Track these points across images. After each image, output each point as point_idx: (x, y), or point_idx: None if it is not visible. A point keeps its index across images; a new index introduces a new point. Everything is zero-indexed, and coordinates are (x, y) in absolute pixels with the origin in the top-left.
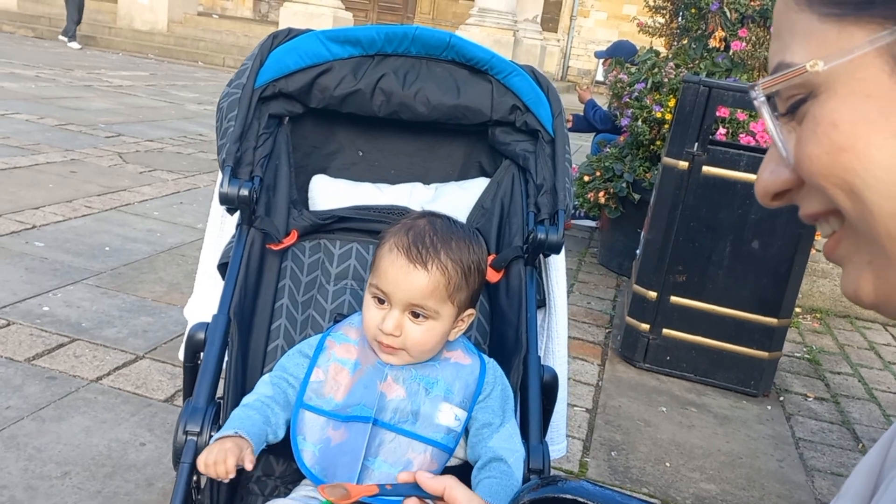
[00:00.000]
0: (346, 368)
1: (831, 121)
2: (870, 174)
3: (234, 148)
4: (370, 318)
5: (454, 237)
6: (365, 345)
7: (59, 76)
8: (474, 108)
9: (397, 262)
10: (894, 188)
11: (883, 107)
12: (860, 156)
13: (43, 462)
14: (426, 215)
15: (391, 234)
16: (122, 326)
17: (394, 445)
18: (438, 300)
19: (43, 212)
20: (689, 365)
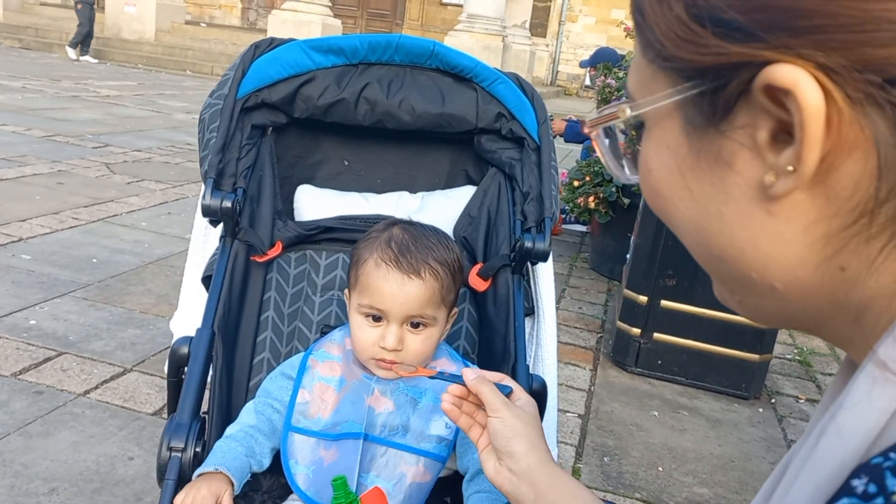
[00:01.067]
0: (331, 386)
1: (646, 163)
2: (677, 221)
3: (217, 159)
4: (365, 338)
5: (431, 240)
6: (349, 360)
7: (45, 87)
8: (459, 116)
9: (390, 276)
10: (697, 238)
11: (678, 161)
12: (668, 203)
13: (30, 478)
14: (396, 223)
15: (369, 249)
16: (110, 339)
17: (385, 459)
18: (435, 306)
19: (29, 224)
20: (681, 369)
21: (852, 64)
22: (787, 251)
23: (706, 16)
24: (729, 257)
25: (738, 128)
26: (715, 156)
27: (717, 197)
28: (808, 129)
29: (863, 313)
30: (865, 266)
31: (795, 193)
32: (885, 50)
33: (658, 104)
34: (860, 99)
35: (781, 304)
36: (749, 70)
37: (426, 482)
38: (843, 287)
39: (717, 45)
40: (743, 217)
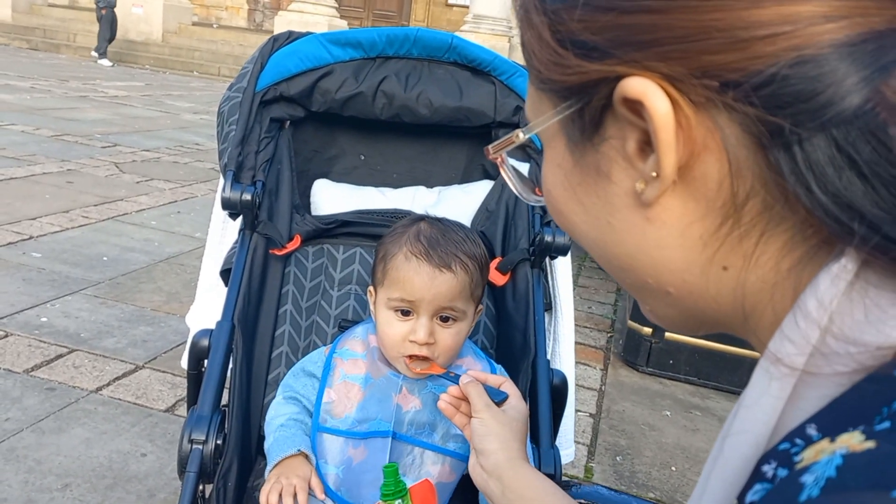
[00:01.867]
0: (356, 384)
1: (545, 183)
2: (578, 235)
3: (236, 152)
4: (395, 332)
5: (459, 234)
6: (374, 357)
7: (54, 87)
8: (477, 109)
9: (421, 269)
10: (597, 250)
11: (568, 178)
12: (568, 219)
13: (43, 474)
14: (423, 218)
15: (397, 243)
16: (122, 336)
17: (412, 458)
18: (465, 299)
19: (40, 223)
20: (692, 368)
21: (691, 71)
22: (672, 255)
23: (567, 38)
24: (626, 266)
25: (608, 140)
26: (595, 169)
27: (604, 209)
28: (661, 136)
29: (751, 311)
30: (744, 262)
31: (666, 198)
32: (718, 56)
33: (544, 125)
34: (702, 103)
35: (681, 308)
36: (607, 85)
37: (451, 482)
38: (729, 286)
39: (578, 65)
40: (628, 226)
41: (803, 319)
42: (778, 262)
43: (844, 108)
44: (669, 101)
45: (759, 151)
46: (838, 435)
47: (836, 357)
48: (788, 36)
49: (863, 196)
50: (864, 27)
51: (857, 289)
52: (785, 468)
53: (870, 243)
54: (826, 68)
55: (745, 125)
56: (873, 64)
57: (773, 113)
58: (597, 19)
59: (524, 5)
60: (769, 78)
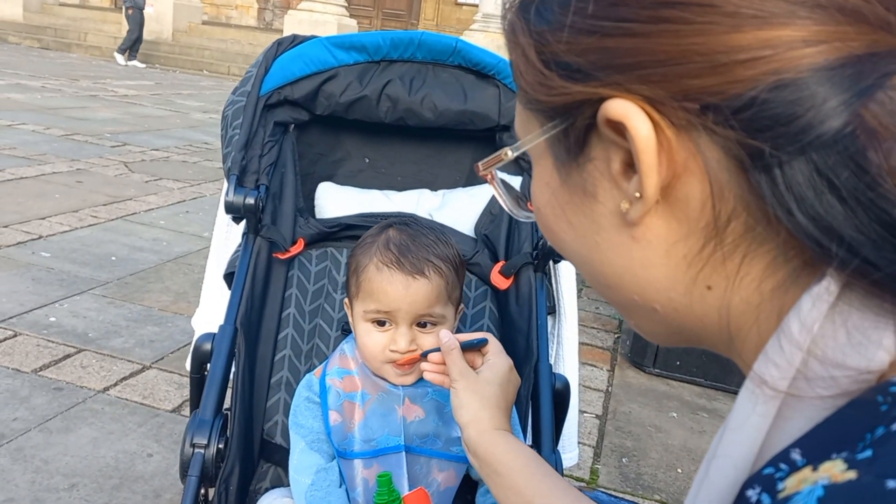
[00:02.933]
0: (356, 402)
1: (535, 201)
2: (568, 254)
3: (240, 156)
4: (374, 343)
5: (429, 237)
6: (366, 372)
7: (64, 86)
8: (481, 113)
9: (394, 278)
10: (585, 268)
11: (556, 196)
12: (557, 237)
13: (50, 474)
14: (391, 224)
15: (367, 254)
16: (129, 336)
17: (419, 467)
18: (443, 303)
19: (49, 222)
20: (700, 369)
21: (672, 94)
22: (657, 274)
23: (552, 60)
24: (613, 284)
25: (593, 160)
26: (581, 189)
27: (591, 228)
28: (643, 157)
29: (735, 332)
30: (728, 283)
31: (650, 218)
32: (698, 80)
33: (531, 144)
34: (684, 126)
35: (667, 325)
36: (591, 106)
37: (455, 485)
38: (714, 306)
39: (563, 86)
40: (614, 245)
41: (787, 342)
42: (761, 284)
43: (824, 131)
44: (651, 123)
45: (741, 174)
46: (821, 462)
47: (819, 381)
48: (768, 60)
49: (843, 219)
50: (844, 51)
51: (838, 311)
52: (768, 495)
53: (849, 266)
54: (805, 92)
55: (725, 148)
56: (852, 88)
57: (753, 136)
58: (580, 41)
59: (511, 26)
60: (749, 101)
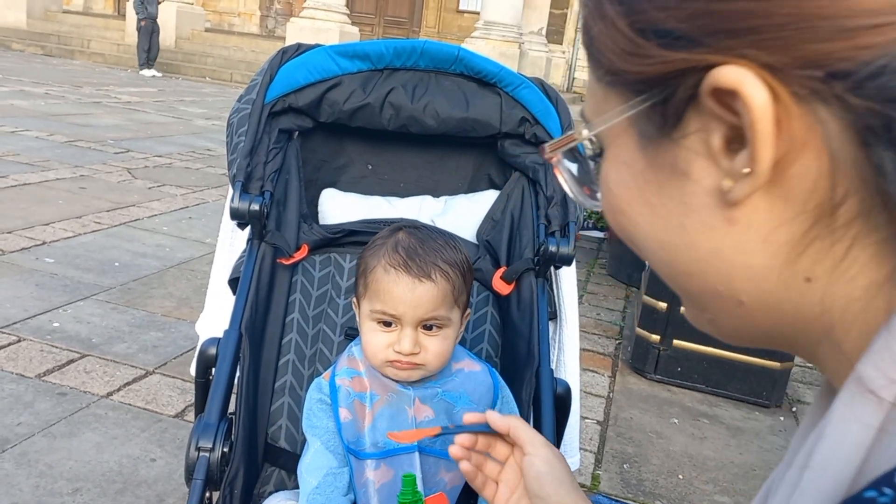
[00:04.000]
0: (364, 403)
1: (606, 183)
2: (640, 239)
3: (245, 163)
4: (378, 343)
5: (438, 242)
6: (374, 374)
7: (68, 93)
8: (483, 120)
9: (400, 280)
10: (661, 254)
11: (636, 177)
12: (630, 221)
13: (54, 479)
14: (402, 228)
15: (375, 256)
16: (132, 342)
17: (427, 467)
18: (448, 307)
19: (53, 228)
20: (701, 376)
21: (793, 61)
22: (750, 261)
23: (649, 28)
24: (695, 271)
25: (690, 134)
26: (671, 167)
27: (677, 209)
28: (758, 127)
29: (832, 328)
30: (830, 273)
31: (754, 198)
32: (823, 45)
33: (612, 122)
34: (805, 95)
35: (750, 320)
36: (694, 75)
37: (460, 485)
38: (811, 300)
39: (662, 55)
40: (704, 227)
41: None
42: (868, 275)
43: None
44: (768, 91)
45: (861, 149)
46: None
47: None
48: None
49: None
50: None
51: None
52: None
53: None
54: None
55: (848, 120)
56: None
57: (882, 107)
58: (685, 6)
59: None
60: (878, 69)
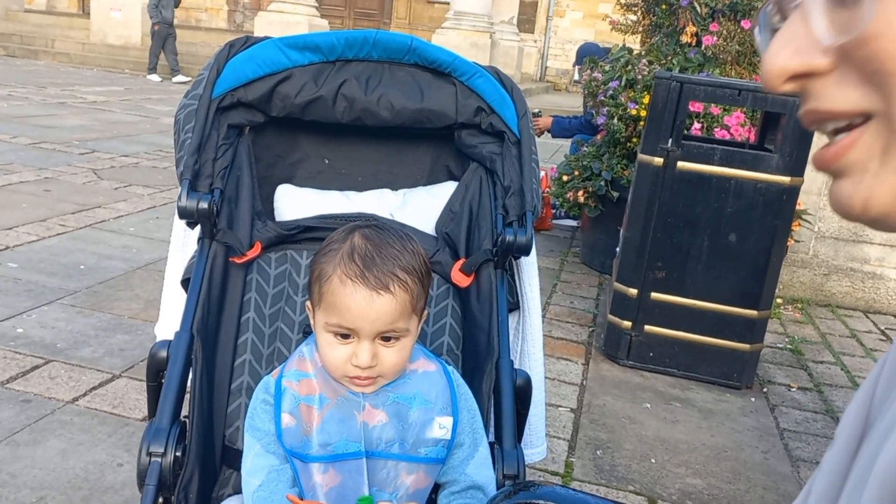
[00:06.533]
0: (313, 406)
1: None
2: None
3: (192, 160)
4: (335, 356)
5: (396, 246)
6: (325, 376)
7: (31, 94)
8: (439, 111)
9: (357, 293)
10: None
11: None
12: None
13: (17, 488)
14: (355, 230)
15: (330, 263)
16: (98, 346)
17: (385, 472)
18: (407, 318)
19: (16, 232)
20: (672, 360)
21: None
22: None
23: None
24: None
25: None
26: None
27: None
28: None
29: None
30: None
31: None
32: None
33: None
34: None
35: None
36: None
37: (427, 486)
38: None
39: None
40: None
41: None
42: None
43: None
44: None
45: None
46: None
47: None
48: None
49: None
50: None
51: None
52: None
53: None
54: None
55: None
56: None
57: None
58: None
59: None
60: None
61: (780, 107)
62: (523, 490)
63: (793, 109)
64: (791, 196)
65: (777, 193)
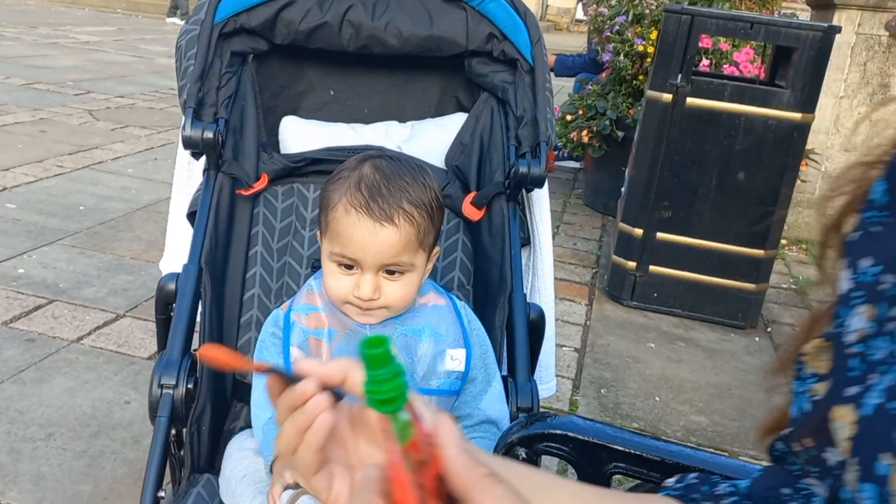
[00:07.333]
0: (322, 339)
1: None
2: None
3: (196, 88)
4: (339, 286)
5: (406, 178)
6: (333, 309)
7: (23, 34)
8: (448, 38)
9: (360, 224)
10: None
11: None
12: None
13: (26, 425)
14: (367, 159)
15: (338, 191)
16: (101, 286)
17: None
18: (412, 252)
19: (13, 173)
20: (677, 300)
21: None
22: None
23: None
24: None
25: None
26: None
27: None
28: None
29: None
30: None
31: None
32: None
33: None
34: None
35: None
36: None
37: None
38: None
39: None
40: None
41: None
42: None
43: None
44: None
45: None
46: None
47: None
48: None
49: None
50: None
51: None
52: None
53: None
54: None
55: None
56: None
57: None
58: None
59: None
60: None
61: (794, 41)
62: (539, 421)
63: (806, 43)
64: (801, 133)
65: (787, 130)
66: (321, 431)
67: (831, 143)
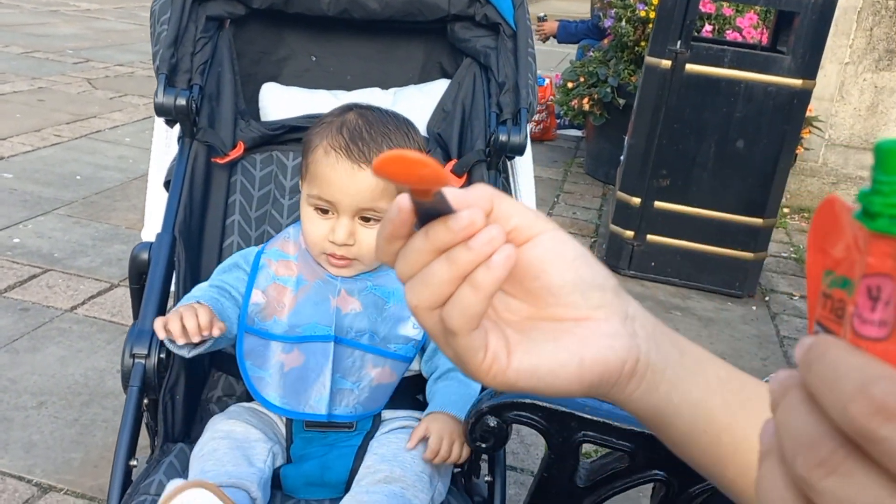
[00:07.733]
0: (288, 287)
1: None
2: None
3: (169, 53)
4: (315, 231)
5: (389, 126)
6: (307, 259)
7: (22, 2)
8: (430, 2)
9: (339, 165)
10: None
11: None
12: None
13: (18, 393)
14: (353, 108)
15: (319, 135)
16: (96, 255)
17: (351, 361)
18: (389, 199)
19: (10, 142)
20: (674, 270)
21: None
22: None
23: None
24: None
25: None
26: None
27: None
28: None
29: None
30: None
31: None
32: None
33: None
34: None
35: None
36: None
37: (392, 382)
38: None
39: None
40: None
41: None
42: None
43: None
44: None
45: None
46: None
47: None
48: None
49: None
50: None
51: None
52: None
53: None
54: None
55: None
56: None
57: None
58: None
59: None
60: None
61: (795, 5)
62: None
63: (807, 8)
64: (802, 100)
65: (788, 97)
66: (503, 269)
67: (836, 111)
